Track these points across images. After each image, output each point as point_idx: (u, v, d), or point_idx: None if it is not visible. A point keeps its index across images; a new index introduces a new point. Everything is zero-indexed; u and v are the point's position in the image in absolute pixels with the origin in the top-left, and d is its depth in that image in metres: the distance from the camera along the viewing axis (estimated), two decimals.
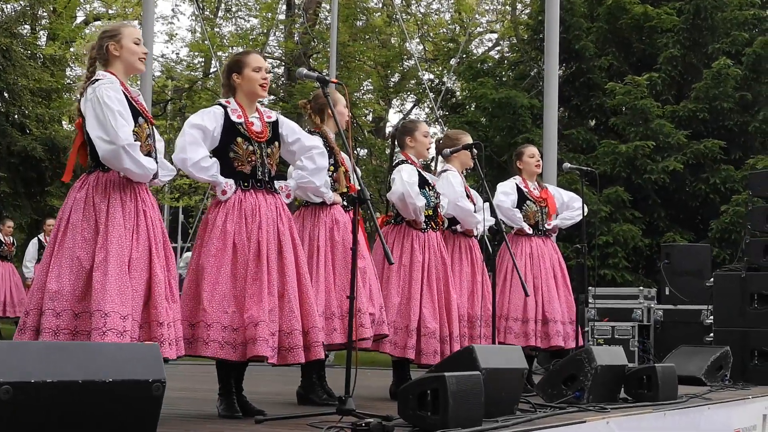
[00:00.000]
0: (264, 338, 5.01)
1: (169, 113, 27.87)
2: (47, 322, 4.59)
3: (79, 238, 4.71)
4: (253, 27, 28.82)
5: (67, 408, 3.08)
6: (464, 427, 4.25)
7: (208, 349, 5.03)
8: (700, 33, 16.99)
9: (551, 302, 7.88)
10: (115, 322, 4.53)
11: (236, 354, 5.06)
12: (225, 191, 5.24)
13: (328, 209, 6.23)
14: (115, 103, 4.74)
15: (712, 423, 6.62)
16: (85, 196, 4.78)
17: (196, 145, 5.22)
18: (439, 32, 28.81)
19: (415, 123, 7.42)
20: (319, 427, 4.25)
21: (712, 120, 16.32)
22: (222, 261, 5.14)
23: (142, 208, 4.82)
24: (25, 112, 21.66)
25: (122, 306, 4.58)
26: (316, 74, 5.29)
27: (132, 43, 4.98)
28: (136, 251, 4.73)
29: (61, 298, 4.63)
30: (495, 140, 17.27)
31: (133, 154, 4.70)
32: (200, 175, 5.25)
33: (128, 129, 4.72)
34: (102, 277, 4.59)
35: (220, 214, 5.23)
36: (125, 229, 4.72)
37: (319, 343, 5.27)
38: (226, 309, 5.08)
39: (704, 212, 16.25)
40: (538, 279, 7.90)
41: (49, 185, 21.29)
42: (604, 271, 15.22)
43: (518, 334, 7.75)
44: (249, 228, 5.20)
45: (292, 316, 5.15)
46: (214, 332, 5.04)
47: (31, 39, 24.54)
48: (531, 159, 8.14)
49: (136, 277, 4.69)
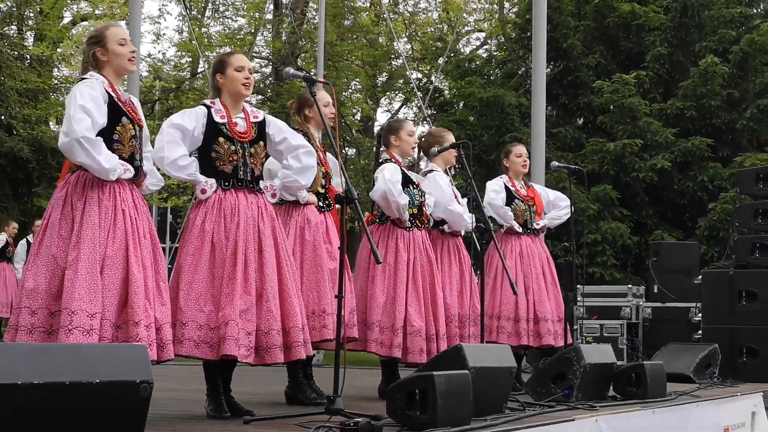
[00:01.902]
0: (233, 337, 4.99)
1: (156, 113, 27.81)
2: (23, 320, 4.60)
3: (55, 236, 4.72)
4: (240, 27, 28.80)
5: (54, 409, 3.07)
6: (453, 426, 4.25)
7: (182, 347, 5.01)
8: (687, 31, 17.04)
9: (542, 301, 7.89)
10: (82, 320, 4.51)
11: (212, 353, 5.05)
12: (204, 190, 5.25)
13: (300, 208, 6.21)
14: (84, 98, 4.73)
15: (701, 420, 6.62)
16: (64, 195, 4.80)
17: (174, 144, 5.23)
18: (426, 31, 28.84)
19: (401, 122, 7.41)
20: (308, 426, 4.25)
21: (699, 118, 16.37)
22: (199, 260, 5.14)
23: (120, 207, 4.80)
24: (12, 113, 21.63)
25: (90, 304, 4.56)
26: (303, 74, 5.28)
27: (117, 45, 4.96)
28: (111, 249, 4.70)
29: (36, 297, 4.63)
30: (483, 139, 17.30)
31: (89, 148, 4.66)
32: (177, 174, 5.26)
33: (87, 123, 4.69)
34: (72, 275, 4.59)
35: (200, 214, 5.23)
36: (100, 227, 4.70)
37: (300, 343, 5.23)
38: (203, 308, 5.07)
39: (692, 210, 16.29)
40: (528, 278, 7.90)
41: (37, 186, 21.27)
42: (592, 269, 15.25)
43: (510, 333, 7.75)
44: (227, 227, 5.20)
45: (270, 315, 5.13)
46: (188, 331, 5.02)
47: (18, 39, 24.50)
48: (518, 158, 8.14)
49: (109, 275, 4.67)
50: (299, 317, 5.27)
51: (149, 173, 5.17)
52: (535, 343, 7.86)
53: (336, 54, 25.13)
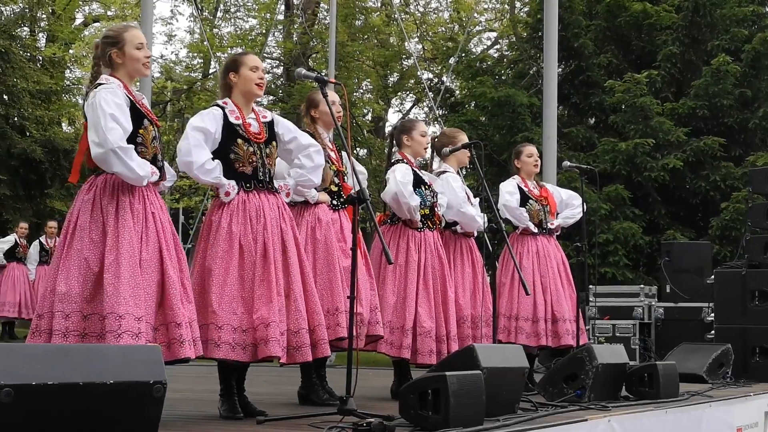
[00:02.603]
0: (275, 338, 5.02)
1: (168, 114, 27.88)
2: (57, 324, 4.60)
3: (87, 240, 4.71)
4: (251, 27, 28.87)
5: (68, 410, 3.08)
6: (466, 426, 4.25)
7: (219, 350, 5.02)
8: (699, 30, 17.00)
9: (560, 301, 7.86)
10: (130, 324, 4.53)
11: (246, 355, 5.07)
12: (228, 192, 5.24)
13: (311, 208, 6.22)
14: (110, 106, 4.73)
15: (713, 420, 6.61)
16: (92, 198, 4.79)
17: (200, 148, 5.22)
18: (437, 31, 28.84)
19: (413, 122, 7.40)
20: (321, 427, 4.25)
21: (711, 117, 16.33)
22: (229, 263, 5.14)
23: (150, 210, 4.82)
24: (24, 115, 21.69)
25: (136, 308, 4.57)
26: (314, 74, 5.28)
27: (134, 50, 4.96)
28: (146, 252, 4.72)
29: (69, 300, 4.63)
30: (494, 139, 17.28)
31: (124, 158, 4.68)
32: (205, 178, 5.25)
33: (119, 132, 4.70)
34: (114, 279, 4.59)
35: (224, 216, 5.22)
36: (134, 231, 4.72)
37: (325, 341, 5.29)
38: (235, 310, 5.08)
39: (704, 209, 16.26)
40: (546, 278, 7.87)
41: (50, 187, 21.31)
42: (604, 269, 15.23)
43: (529, 333, 7.72)
44: (254, 229, 5.21)
45: (299, 315, 5.16)
46: (225, 334, 5.03)
47: (30, 41, 24.57)
48: (529, 159, 8.12)
49: (147, 278, 4.69)
50: (322, 315, 5.32)
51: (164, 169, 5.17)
52: (553, 344, 7.83)
53: (347, 54, 25.14)
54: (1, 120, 21.19)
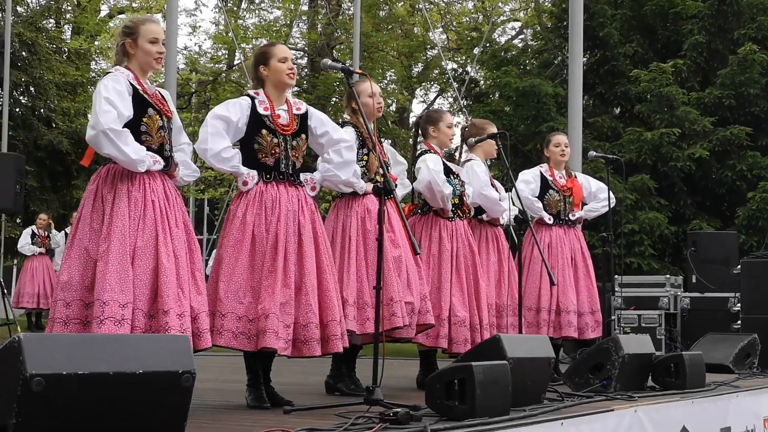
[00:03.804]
0: (273, 330, 5.03)
1: (193, 106, 27.95)
2: (58, 312, 4.68)
3: (87, 229, 4.78)
4: (276, 18, 28.88)
5: (97, 399, 3.10)
6: (492, 416, 4.26)
7: (221, 338, 5.07)
8: (725, 19, 16.89)
9: (565, 292, 7.85)
10: (113, 310, 4.56)
11: (251, 344, 5.09)
12: (246, 182, 5.27)
13: (360, 199, 6.24)
14: (108, 91, 4.76)
15: (740, 411, 6.60)
16: (95, 189, 4.85)
17: (218, 136, 5.24)
18: (462, 21, 28.77)
19: (440, 113, 7.39)
20: (347, 417, 4.26)
21: (738, 106, 16.22)
22: (240, 252, 5.17)
23: (150, 198, 4.82)
24: (50, 106, 21.82)
25: (121, 294, 4.60)
26: (340, 65, 5.28)
27: (147, 43, 4.97)
28: (141, 240, 4.73)
29: (70, 289, 4.70)
30: (519, 129, 17.23)
31: (115, 140, 4.69)
32: (220, 166, 5.28)
33: (113, 115, 4.71)
34: (103, 267, 4.64)
35: (241, 206, 5.26)
36: (129, 218, 4.74)
37: (338, 336, 5.26)
38: (242, 299, 5.11)
39: (731, 199, 16.17)
40: (554, 269, 7.85)
41: (76, 179, 21.45)
42: (630, 260, 15.17)
43: (530, 323, 7.73)
44: (268, 219, 5.22)
45: (308, 309, 5.16)
46: (228, 322, 5.07)
47: (55, 33, 24.69)
48: (556, 148, 8.10)
49: (140, 266, 4.71)
50: (337, 310, 5.30)
51: (184, 164, 5.18)
52: (555, 335, 7.81)
53: (371, 45, 25.14)
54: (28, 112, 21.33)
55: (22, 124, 20.65)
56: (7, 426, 2.91)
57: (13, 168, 12.91)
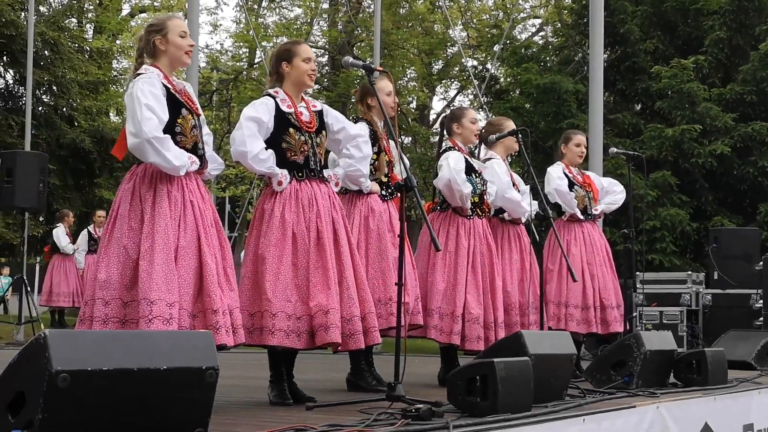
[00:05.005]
0: (336, 324, 5.08)
1: (214, 104, 28.02)
2: (97, 311, 4.69)
3: (126, 228, 4.79)
4: (297, 16, 28.91)
5: (122, 396, 3.12)
6: (514, 412, 4.27)
7: (274, 338, 5.08)
8: (746, 14, 16.81)
9: (606, 288, 7.84)
10: (161, 309, 4.59)
11: (301, 342, 5.12)
12: (281, 182, 5.28)
13: (364, 198, 6.27)
14: (146, 96, 4.78)
15: (762, 407, 6.58)
16: (132, 188, 4.86)
17: (254, 138, 5.26)
18: (482, 18, 28.73)
19: (463, 110, 7.39)
20: (370, 413, 4.28)
21: (759, 102, 16.16)
22: (283, 251, 5.18)
23: (189, 199, 4.86)
24: (73, 105, 21.92)
25: (168, 294, 4.63)
26: (361, 62, 5.29)
27: (178, 37, 5.01)
28: (183, 240, 4.77)
29: (109, 287, 4.71)
30: (540, 126, 17.21)
31: (159, 148, 4.72)
32: (258, 168, 5.29)
33: (155, 122, 4.74)
34: (148, 266, 4.66)
35: (277, 205, 5.26)
36: (171, 218, 4.77)
37: (376, 328, 5.33)
38: (289, 298, 5.13)
39: (752, 195, 16.10)
40: (593, 265, 7.81)
41: (98, 177, 21.53)
42: (651, 256, 15.13)
43: (580, 321, 7.69)
44: (307, 217, 5.25)
45: (351, 302, 5.21)
46: (279, 321, 5.08)
47: (78, 32, 24.79)
48: (576, 148, 8.06)
49: (184, 265, 4.74)
50: (372, 303, 5.36)
51: (210, 159, 5.20)
52: (602, 331, 7.80)
53: (392, 42, 25.14)
54: (51, 110, 21.43)
55: (45, 122, 20.75)
56: (33, 421, 2.94)
57: (36, 167, 13.01)
